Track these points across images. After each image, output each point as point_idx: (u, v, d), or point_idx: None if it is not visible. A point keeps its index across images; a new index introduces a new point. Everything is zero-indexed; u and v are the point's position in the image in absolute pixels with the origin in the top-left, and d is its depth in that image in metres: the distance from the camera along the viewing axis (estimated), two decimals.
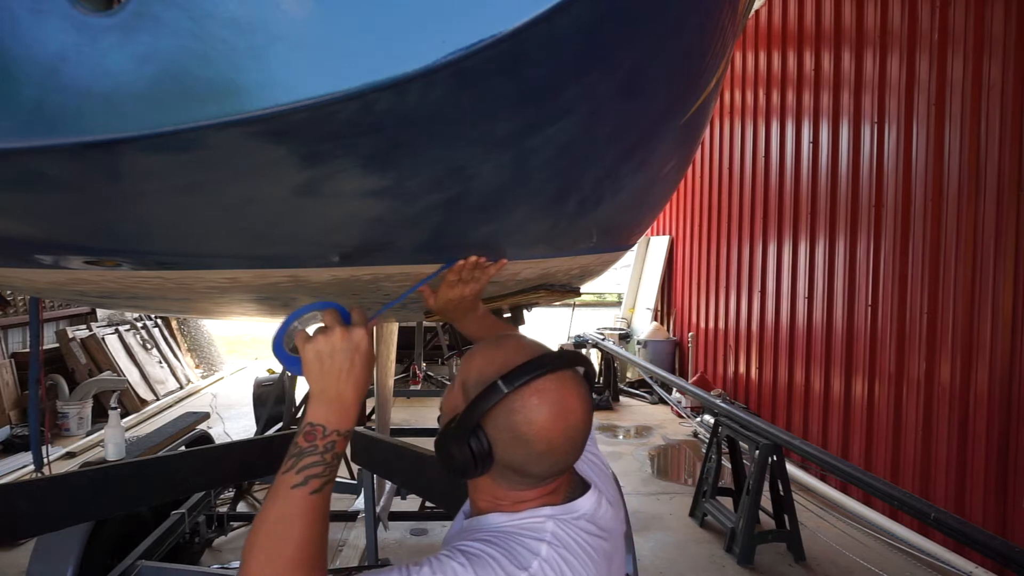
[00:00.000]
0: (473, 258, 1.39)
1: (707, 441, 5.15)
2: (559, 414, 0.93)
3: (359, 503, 3.99)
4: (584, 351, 7.77)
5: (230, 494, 4.55)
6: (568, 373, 0.96)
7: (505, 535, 0.93)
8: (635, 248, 9.83)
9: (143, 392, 8.29)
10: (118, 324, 8.82)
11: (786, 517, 4.22)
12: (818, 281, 5.60)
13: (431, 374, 7.27)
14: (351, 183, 1.02)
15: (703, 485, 4.74)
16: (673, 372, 8.40)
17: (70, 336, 7.80)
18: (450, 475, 0.95)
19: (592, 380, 1.00)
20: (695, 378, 7.90)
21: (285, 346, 1.05)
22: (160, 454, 3.29)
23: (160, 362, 9.17)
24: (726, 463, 4.76)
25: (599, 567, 0.97)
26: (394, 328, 4.58)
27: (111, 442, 3.29)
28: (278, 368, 6.55)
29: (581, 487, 1.04)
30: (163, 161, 0.84)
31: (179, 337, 10.17)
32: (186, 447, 3.80)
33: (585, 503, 1.01)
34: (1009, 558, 2.71)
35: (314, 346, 0.94)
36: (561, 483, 1.01)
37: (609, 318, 11.66)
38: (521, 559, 0.89)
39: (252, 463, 2.79)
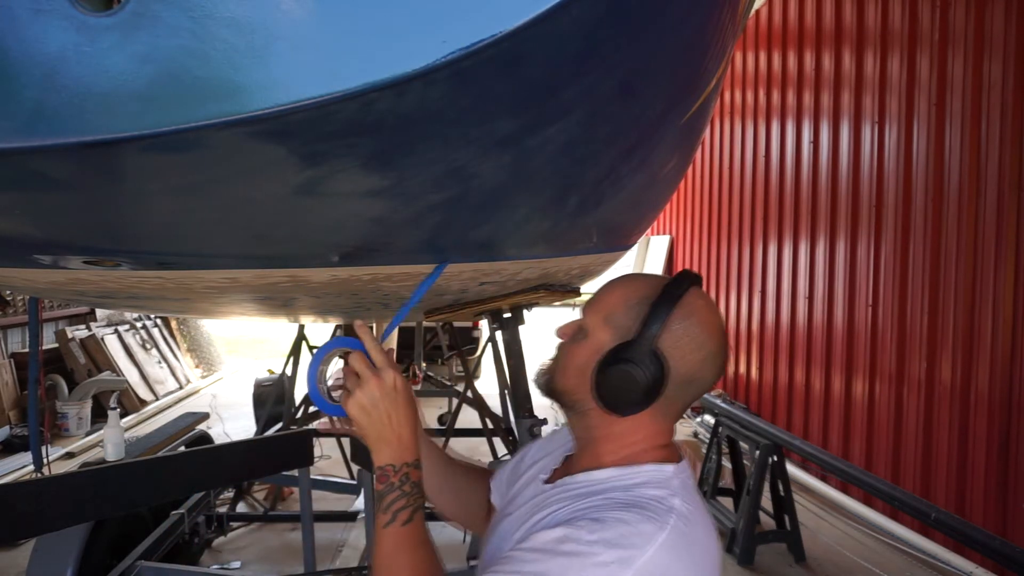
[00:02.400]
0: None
1: (707, 441, 5.14)
2: (716, 313, 0.99)
3: (359, 503, 3.99)
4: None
5: (230, 494, 4.55)
6: (698, 286, 1.01)
7: (631, 492, 0.90)
8: (635, 248, 9.83)
9: (142, 392, 8.29)
10: (117, 324, 8.82)
11: (786, 517, 4.22)
12: (818, 281, 5.60)
13: (431, 374, 7.25)
14: (351, 183, 1.02)
15: (703, 485, 4.73)
16: None
17: (69, 336, 7.80)
18: (621, 410, 0.94)
19: None
20: None
21: (322, 395, 1.08)
22: (160, 454, 3.28)
23: (160, 362, 9.17)
24: (726, 463, 4.76)
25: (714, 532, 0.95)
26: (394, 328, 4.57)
27: (110, 442, 3.28)
28: (278, 368, 6.55)
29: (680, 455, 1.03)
30: (163, 161, 0.84)
31: (179, 337, 10.17)
32: (186, 447, 3.80)
33: (687, 465, 0.99)
34: (1009, 558, 2.72)
35: (356, 402, 0.97)
36: (674, 443, 1.02)
37: None
38: (658, 516, 0.86)
39: (252, 463, 2.78)
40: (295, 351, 4.99)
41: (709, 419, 5.94)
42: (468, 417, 5.70)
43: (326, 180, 0.99)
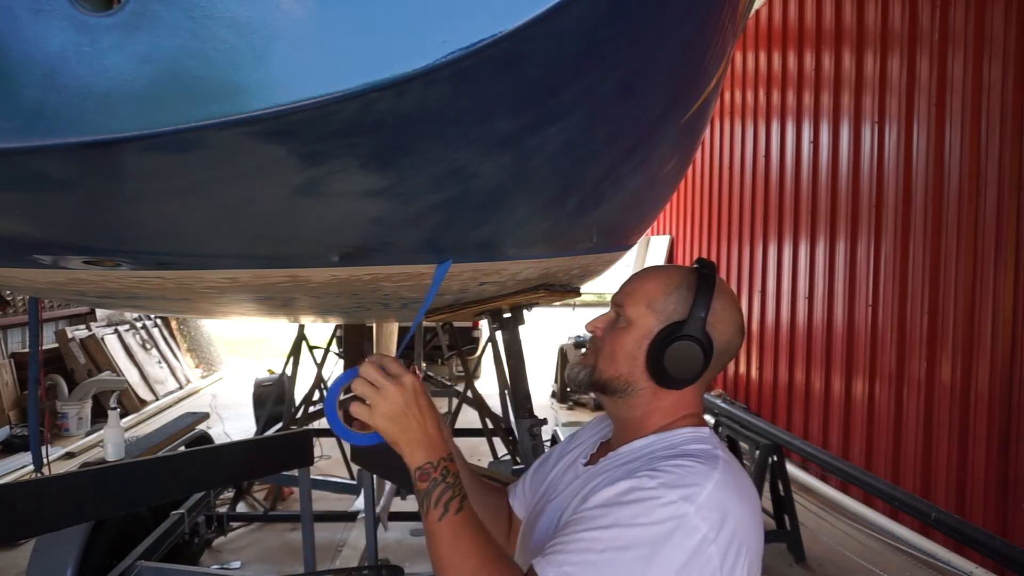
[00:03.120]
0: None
1: None
2: (734, 292, 1.11)
3: (359, 503, 3.99)
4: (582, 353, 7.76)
5: (230, 494, 4.55)
6: None
7: (675, 447, 1.01)
8: (635, 248, 9.82)
9: (142, 392, 8.29)
10: (117, 324, 8.82)
11: (786, 517, 4.22)
12: (818, 281, 5.60)
13: (431, 374, 7.25)
14: (351, 183, 1.02)
15: None
16: None
17: (69, 336, 7.80)
18: (679, 384, 1.04)
19: None
20: None
21: (344, 425, 1.09)
22: (160, 454, 3.28)
23: (160, 362, 9.17)
24: None
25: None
26: (394, 328, 4.59)
27: (110, 442, 3.28)
28: (278, 368, 6.55)
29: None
30: (163, 161, 0.84)
31: (179, 337, 10.17)
32: (186, 447, 3.80)
33: (715, 435, 1.09)
34: (1009, 558, 2.71)
35: (382, 413, 0.98)
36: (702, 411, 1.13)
37: None
38: (709, 462, 0.95)
39: (252, 463, 2.78)
40: (295, 351, 4.99)
41: (709, 419, 5.94)
42: (468, 417, 5.70)
43: (326, 180, 0.99)
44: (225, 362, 11.32)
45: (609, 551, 0.87)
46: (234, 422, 7.26)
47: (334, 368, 5.63)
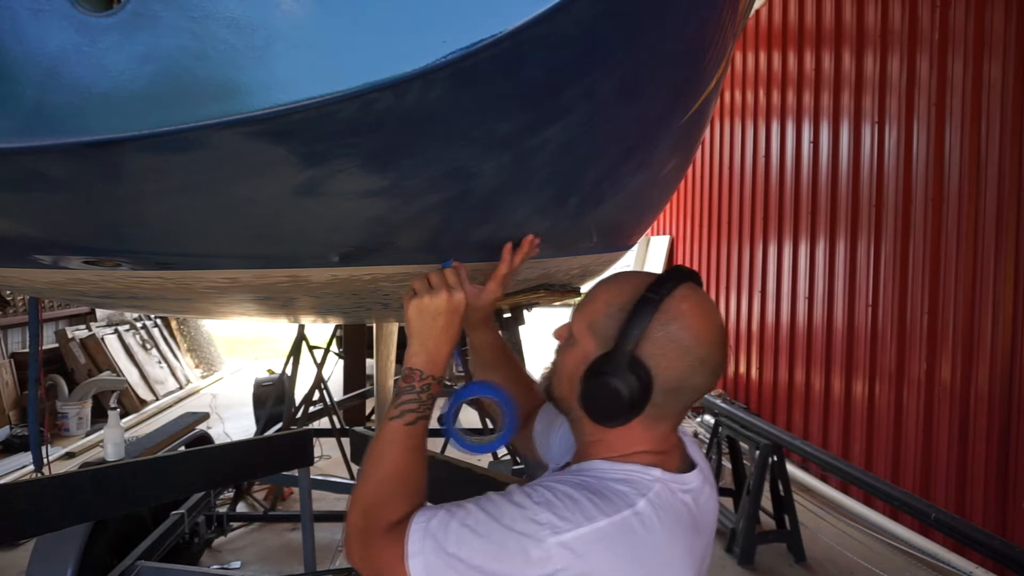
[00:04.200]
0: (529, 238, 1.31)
1: (707, 441, 5.14)
2: (707, 314, 0.93)
3: None
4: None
5: (230, 494, 4.56)
6: (693, 283, 0.96)
7: (602, 481, 0.90)
8: (635, 248, 9.83)
9: (142, 392, 8.29)
10: (117, 324, 8.82)
11: (786, 517, 4.22)
12: (818, 281, 5.60)
13: None
14: (351, 183, 1.02)
15: None
16: None
17: (69, 336, 7.80)
18: (609, 422, 0.92)
19: None
20: None
21: (461, 436, 1.16)
22: (160, 454, 3.28)
23: (160, 362, 9.17)
24: (726, 463, 4.76)
25: (692, 555, 0.91)
26: (394, 328, 4.58)
27: (110, 442, 3.28)
28: (278, 368, 6.55)
29: (689, 466, 0.99)
30: (163, 161, 0.84)
31: (179, 337, 10.17)
32: (186, 447, 3.80)
33: (693, 479, 0.96)
34: (1009, 558, 2.71)
35: (418, 305, 1.06)
36: (675, 449, 0.99)
37: None
38: (611, 506, 0.85)
39: (252, 463, 2.79)
40: (295, 351, 4.99)
41: (709, 419, 5.94)
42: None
43: (326, 180, 0.99)
44: (225, 362, 11.31)
45: (467, 528, 0.86)
46: (234, 422, 7.26)
47: (334, 368, 5.63)
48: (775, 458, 4.18)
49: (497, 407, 1.16)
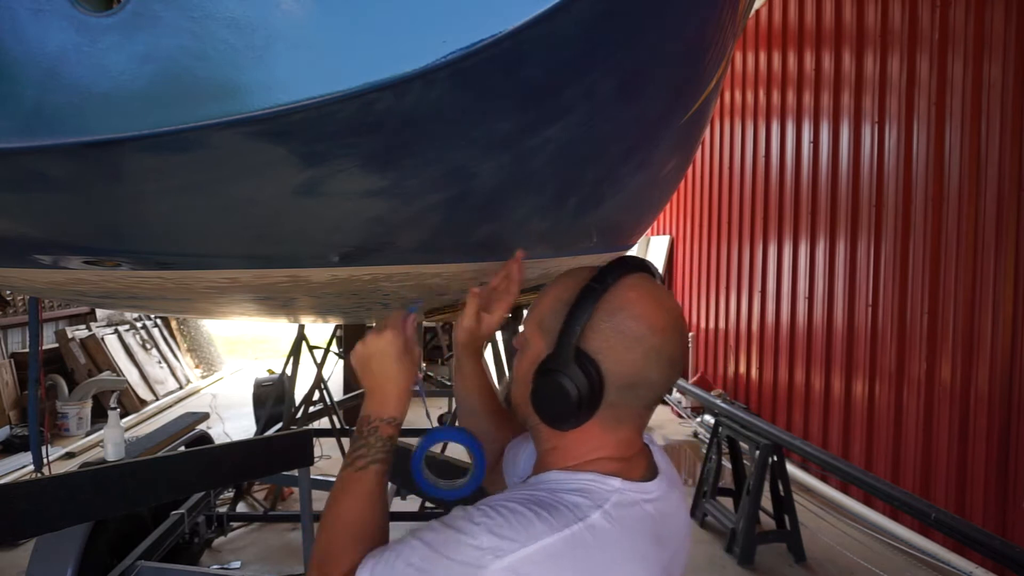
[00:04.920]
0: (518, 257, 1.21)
1: (707, 441, 5.14)
2: (658, 302, 0.87)
3: None
4: None
5: (230, 494, 4.55)
6: (644, 273, 0.90)
7: (555, 493, 0.83)
8: (635, 248, 9.82)
9: (142, 392, 8.28)
10: (117, 324, 8.82)
11: (786, 517, 4.22)
12: (818, 281, 5.60)
13: (431, 374, 7.25)
14: (351, 183, 1.02)
15: (703, 485, 4.74)
16: None
17: (69, 336, 7.80)
18: (561, 424, 0.86)
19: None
20: (695, 378, 7.90)
21: (428, 480, 1.14)
22: (160, 454, 3.28)
23: (160, 362, 9.17)
24: (726, 463, 4.76)
25: (652, 569, 0.85)
26: None
27: (110, 442, 3.27)
28: (278, 368, 6.55)
29: (654, 474, 0.93)
30: (163, 161, 0.84)
31: (179, 337, 10.17)
32: (186, 447, 3.79)
33: (656, 487, 0.90)
34: (1009, 558, 2.71)
35: (356, 352, 1.03)
36: (640, 456, 0.92)
37: None
38: (561, 520, 0.79)
39: (252, 463, 2.78)
40: (295, 351, 4.98)
41: (709, 419, 5.94)
42: (457, 449, 5.68)
43: (326, 180, 0.99)
44: (225, 362, 11.31)
45: (412, 568, 0.81)
46: (234, 422, 7.26)
47: (334, 368, 5.62)
48: (775, 458, 4.18)
49: (468, 453, 1.14)
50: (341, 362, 6.35)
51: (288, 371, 5.01)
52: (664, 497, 0.90)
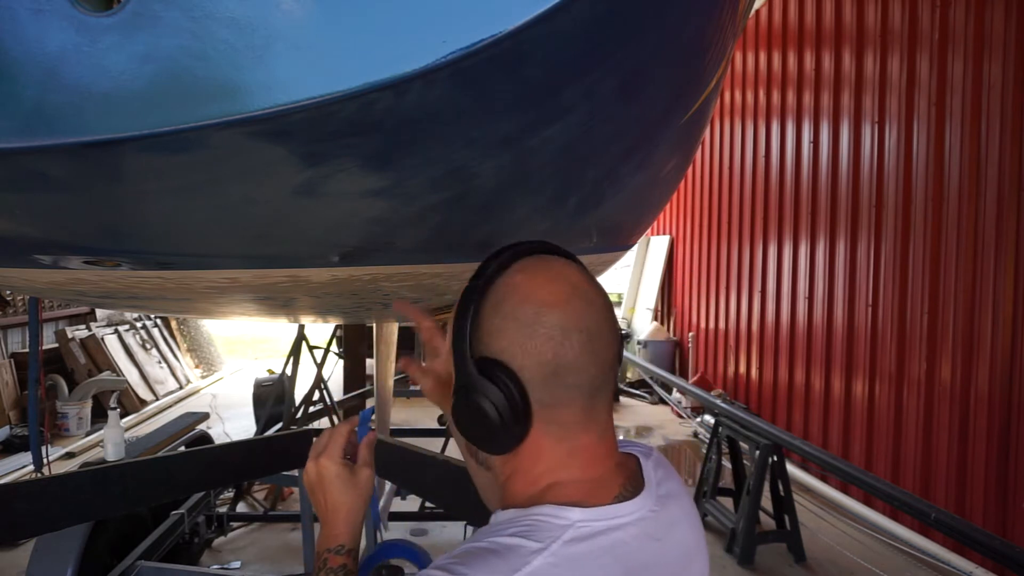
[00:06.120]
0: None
1: (707, 441, 5.14)
2: (551, 277, 0.75)
3: None
4: None
5: (230, 494, 4.55)
6: (554, 256, 0.79)
7: (494, 540, 0.70)
8: (635, 248, 9.83)
9: (142, 392, 8.29)
10: (117, 324, 8.82)
11: (786, 517, 4.22)
12: (818, 281, 5.60)
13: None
14: (351, 183, 1.02)
15: (703, 485, 4.74)
16: (673, 372, 8.40)
17: (69, 336, 7.80)
18: (500, 446, 0.75)
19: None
20: (695, 378, 7.90)
21: None
22: (160, 454, 3.28)
23: (160, 362, 9.17)
24: (726, 463, 4.76)
25: None
26: (394, 328, 4.57)
27: (110, 442, 3.28)
28: (278, 368, 6.55)
29: (635, 491, 0.78)
30: (163, 161, 0.84)
31: (179, 337, 10.17)
32: (186, 447, 3.80)
33: (631, 509, 0.75)
34: (1009, 558, 2.71)
35: (305, 478, 0.96)
36: (616, 471, 0.78)
37: None
38: (491, 569, 0.66)
39: (252, 463, 2.78)
40: (295, 351, 4.99)
41: (709, 419, 5.94)
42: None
43: (326, 180, 0.99)
44: (225, 362, 11.32)
45: None
46: (234, 422, 7.26)
47: (334, 368, 5.63)
48: (775, 458, 4.18)
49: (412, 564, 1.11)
50: (341, 362, 6.35)
51: (288, 371, 5.01)
52: (649, 518, 0.76)
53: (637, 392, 8.94)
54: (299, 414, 4.99)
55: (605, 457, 0.78)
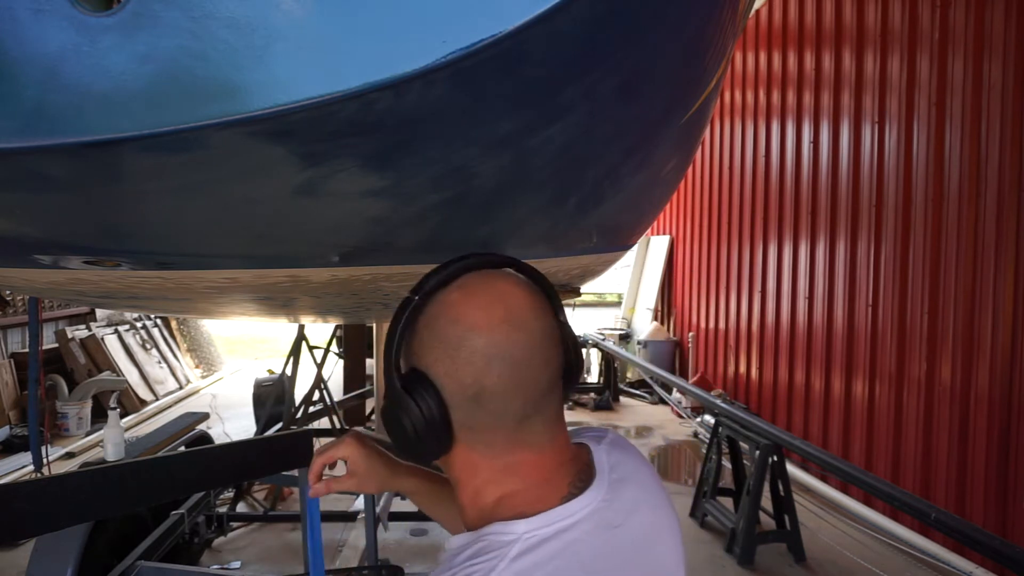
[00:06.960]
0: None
1: (707, 441, 5.14)
2: (488, 297, 0.72)
3: (359, 503, 3.98)
4: (584, 351, 7.76)
5: (230, 494, 4.55)
6: (503, 272, 0.77)
7: (451, 567, 0.70)
8: (635, 248, 9.83)
9: (142, 392, 8.28)
10: (117, 324, 8.82)
11: (786, 517, 4.22)
12: (818, 281, 5.60)
13: None
14: (351, 183, 1.02)
15: (703, 485, 4.74)
16: (673, 372, 8.40)
17: (69, 336, 7.80)
18: (420, 455, 0.75)
19: (547, 289, 0.79)
20: (695, 378, 7.90)
21: None
22: (159, 454, 3.28)
23: (159, 362, 9.17)
24: (726, 463, 4.76)
25: None
26: None
27: (110, 442, 3.27)
28: (278, 368, 6.55)
29: (587, 482, 0.77)
30: (163, 161, 0.84)
31: (179, 337, 10.17)
32: (186, 447, 3.79)
33: (578, 507, 0.74)
34: (1009, 558, 2.71)
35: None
36: (566, 466, 0.76)
37: (609, 318, 11.66)
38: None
39: (252, 463, 2.77)
40: (295, 351, 4.99)
41: (709, 419, 5.94)
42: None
43: (326, 180, 0.99)
44: (225, 362, 11.31)
45: None
46: (234, 422, 7.26)
47: (334, 368, 5.63)
48: (775, 458, 4.18)
49: None
50: (341, 362, 6.35)
51: (288, 371, 5.01)
52: (603, 508, 0.75)
53: (637, 392, 8.94)
54: (299, 414, 4.99)
55: (551, 460, 0.75)
